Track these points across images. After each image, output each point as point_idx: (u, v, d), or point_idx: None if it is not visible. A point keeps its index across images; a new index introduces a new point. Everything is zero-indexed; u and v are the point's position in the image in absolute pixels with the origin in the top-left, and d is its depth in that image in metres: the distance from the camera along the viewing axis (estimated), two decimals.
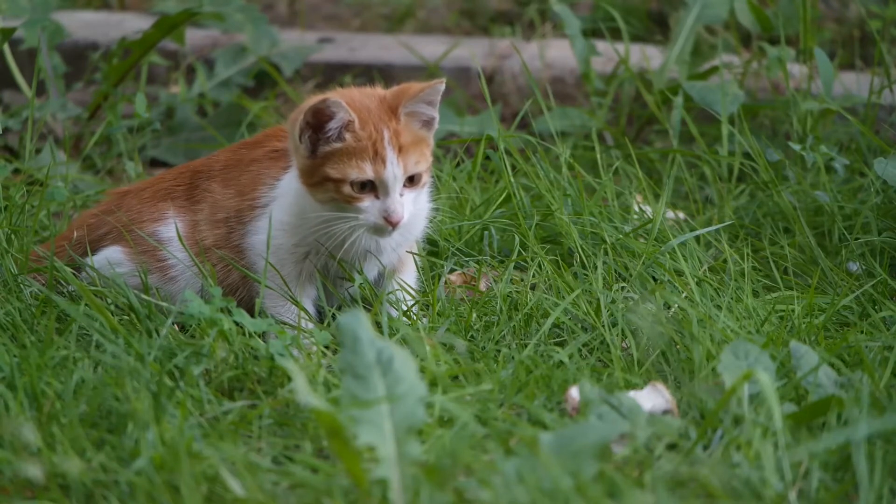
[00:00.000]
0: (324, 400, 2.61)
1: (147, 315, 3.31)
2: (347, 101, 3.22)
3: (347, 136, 3.22)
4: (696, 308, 3.30)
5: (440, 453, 2.69)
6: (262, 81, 5.11)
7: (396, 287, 3.42)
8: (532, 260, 3.60)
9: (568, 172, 3.85)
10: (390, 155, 3.21)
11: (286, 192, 3.37)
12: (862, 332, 3.37)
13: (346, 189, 3.23)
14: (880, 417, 2.77)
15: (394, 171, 3.22)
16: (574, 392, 2.96)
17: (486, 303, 3.47)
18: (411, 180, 3.26)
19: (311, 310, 3.39)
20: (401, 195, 3.23)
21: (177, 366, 3.07)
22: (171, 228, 3.44)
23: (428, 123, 3.30)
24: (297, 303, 3.33)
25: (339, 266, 3.35)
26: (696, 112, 4.53)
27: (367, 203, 3.24)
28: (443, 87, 3.27)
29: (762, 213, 4.04)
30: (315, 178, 3.25)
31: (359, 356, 2.62)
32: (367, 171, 3.21)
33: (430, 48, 5.25)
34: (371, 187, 3.23)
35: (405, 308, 3.40)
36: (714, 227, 3.76)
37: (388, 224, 3.24)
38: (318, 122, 3.22)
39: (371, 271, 3.41)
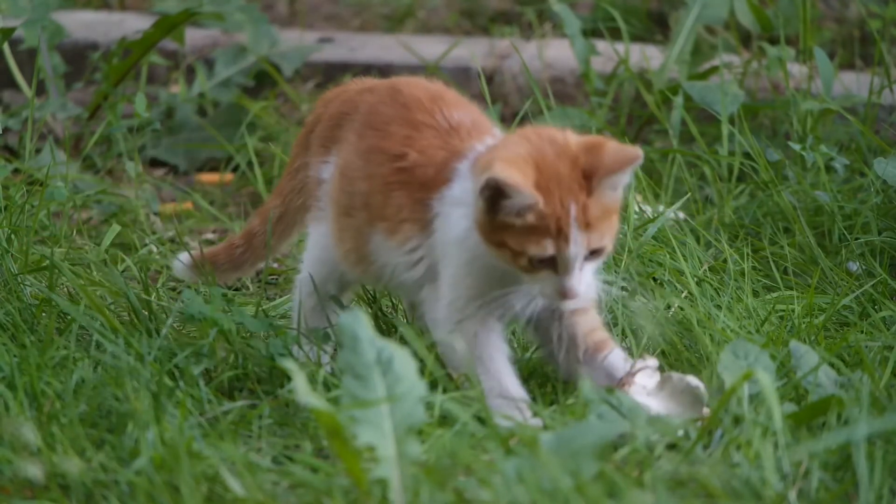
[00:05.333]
0: (324, 400, 2.61)
1: (147, 315, 3.32)
2: (536, 166, 2.88)
3: (529, 216, 2.87)
4: (696, 308, 3.30)
5: (440, 453, 2.69)
6: (262, 81, 5.11)
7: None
8: None
9: None
10: (574, 233, 2.88)
11: (448, 252, 3.02)
12: (862, 332, 3.37)
13: (524, 262, 2.90)
14: (880, 417, 2.77)
15: (577, 249, 2.89)
16: None
17: None
18: (594, 252, 2.93)
19: (511, 371, 3.06)
20: (580, 269, 2.93)
21: (177, 366, 3.07)
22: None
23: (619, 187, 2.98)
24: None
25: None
26: (696, 112, 4.53)
27: (545, 276, 2.92)
28: (640, 160, 2.92)
29: (762, 213, 4.04)
30: (492, 239, 2.92)
31: (359, 356, 2.62)
32: (548, 249, 2.89)
33: (430, 48, 5.25)
34: (551, 262, 2.91)
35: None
36: (672, 210, 3.75)
37: (563, 299, 2.94)
38: (496, 194, 2.88)
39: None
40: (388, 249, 3.07)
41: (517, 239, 2.88)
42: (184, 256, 3.43)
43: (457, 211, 2.98)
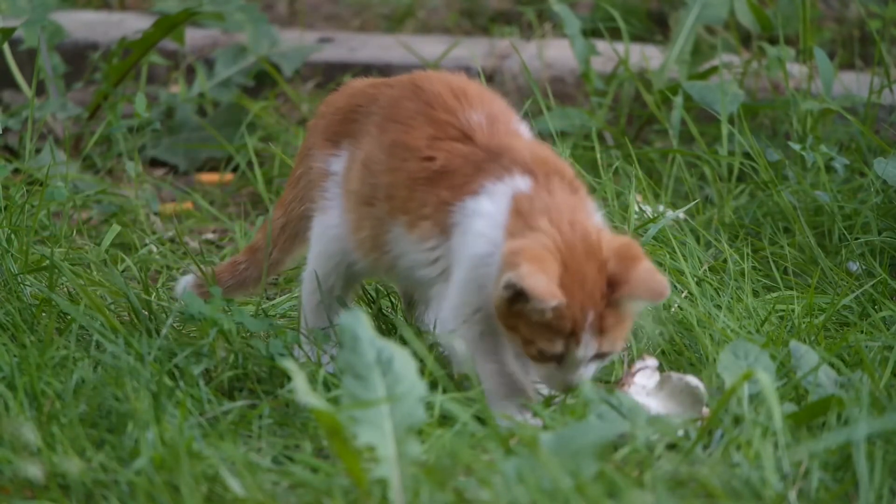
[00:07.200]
0: (324, 400, 2.61)
1: (148, 315, 3.31)
2: (564, 263, 2.85)
3: (548, 314, 2.85)
4: (696, 308, 3.30)
5: (440, 453, 2.69)
6: (262, 81, 5.11)
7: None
8: None
9: None
10: (587, 337, 2.88)
11: (462, 262, 2.99)
12: (862, 332, 3.37)
13: (533, 351, 2.90)
14: (880, 417, 2.78)
15: (586, 352, 2.89)
16: None
17: None
18: (602, 355, 2.93)
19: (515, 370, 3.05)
20: (585, 367, 2.92)
21: (177, 366, 3.07)
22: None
23: None
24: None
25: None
26: (696, 112, 4.53)
27: (549, 366, 2.92)
28: (666, 297, 2.88)
29: (762, 213, 4.04)
30: (506, 321, 2.90)
31: (359, 356, 2.62)
32: (559, 347, 2.88)
33: (430, 48, 5.25)
34: (559, 357, 2.91)
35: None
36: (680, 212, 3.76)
37: (562, 391, 2.97)
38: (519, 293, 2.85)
39: None
40: (406, 242, 3.06)
41: (530, 330, 2.87)
42: (188, 278, 3.42)
43: (476, 227, 2.95)
